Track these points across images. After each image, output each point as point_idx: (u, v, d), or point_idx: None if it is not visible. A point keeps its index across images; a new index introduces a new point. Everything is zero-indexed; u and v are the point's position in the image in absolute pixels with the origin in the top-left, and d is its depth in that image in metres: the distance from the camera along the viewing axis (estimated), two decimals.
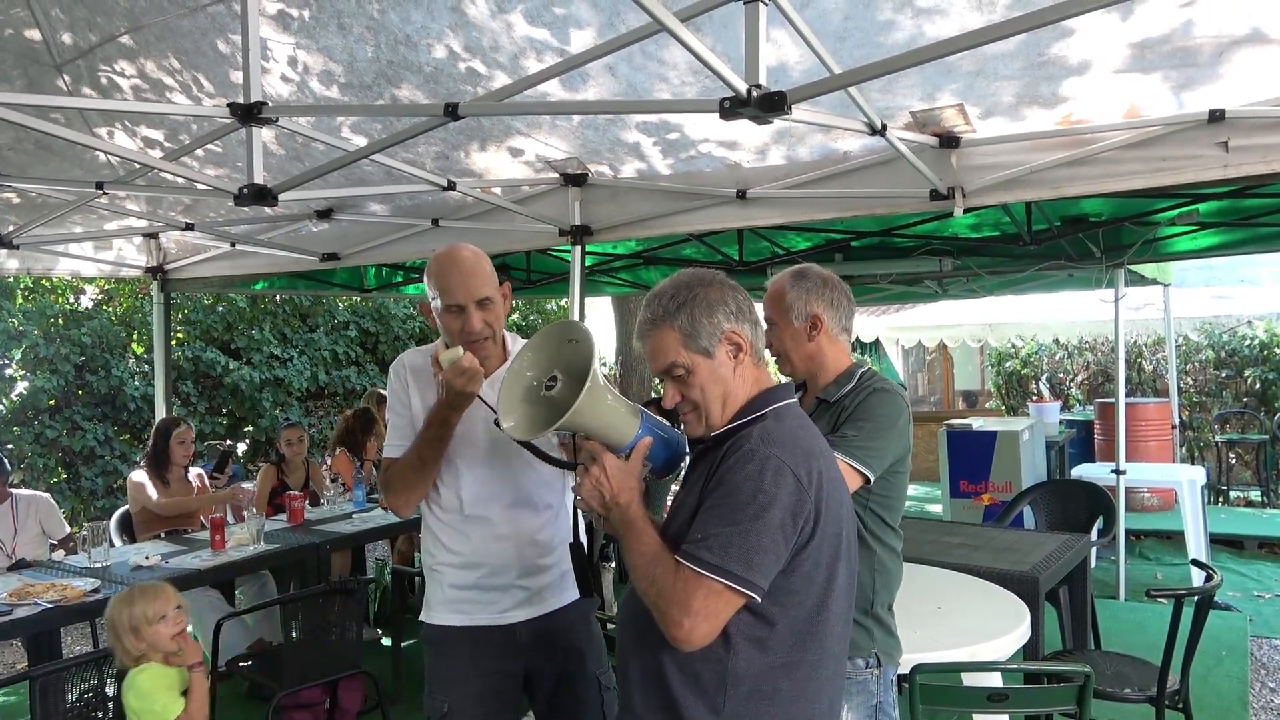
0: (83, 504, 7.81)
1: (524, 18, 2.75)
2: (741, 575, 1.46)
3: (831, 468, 1.61)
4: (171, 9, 3.01)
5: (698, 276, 1.66)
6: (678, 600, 1.47)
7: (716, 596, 1.46)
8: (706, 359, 1.62)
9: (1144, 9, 2.35)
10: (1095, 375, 11.37)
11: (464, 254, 2.20)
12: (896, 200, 3.45)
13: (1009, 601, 3.10)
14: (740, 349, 1.63)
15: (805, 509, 1.51)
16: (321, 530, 4.73)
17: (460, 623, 2.27)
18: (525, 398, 1.79)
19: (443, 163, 3.82)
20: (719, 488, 1.52)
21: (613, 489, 1.61)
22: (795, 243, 6.25)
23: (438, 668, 2.29)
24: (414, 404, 2.27)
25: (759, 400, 1.64)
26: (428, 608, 2.32)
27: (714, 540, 1.47)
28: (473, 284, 2.16)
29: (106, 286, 8.72)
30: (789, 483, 1.49)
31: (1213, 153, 2.81)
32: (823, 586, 1.56)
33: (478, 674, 2.26)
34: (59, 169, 4.09)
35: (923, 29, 2.52)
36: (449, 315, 2.17)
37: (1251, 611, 5.66)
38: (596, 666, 2.36)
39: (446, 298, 2.15)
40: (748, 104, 1.81)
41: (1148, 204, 4.89)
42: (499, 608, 2.26)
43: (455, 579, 2.27)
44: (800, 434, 1.60)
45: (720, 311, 1.62)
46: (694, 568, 1.47)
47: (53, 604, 3.44)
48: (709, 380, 1.62)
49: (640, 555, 1.56)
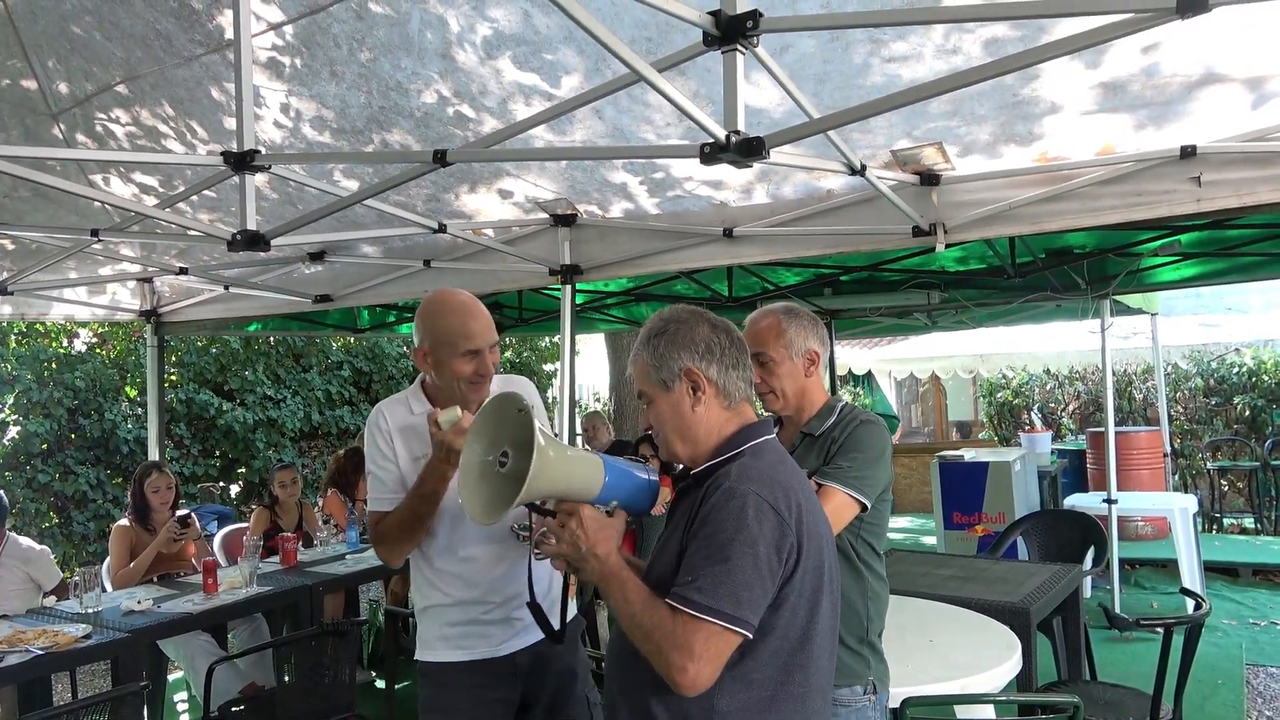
0: (74, 549, 7.76)
1: (512, 63, 2.82)
2: (733, 614, 1.47)
3: (810, 501, 1.63)
4: (167, 59, 3.08)
5: (679, 313, 1.72)
6: (680, 645, 1.47)
7: (718, 638, 1.48)
8: (665, 392, 1.67)
9: (1110, 55, 2.43)
10: (1086, 404, 11.42)
11: (474, 300, 2.26)
12: (880, 237, 3.51)
13: (1001, 633, 3.11)
14: (698, 388, 1.66)
15: (788, 542, 1.53)
16: (315, 572, 4.72)
17: (460, 658, 2.28)
18: (483, 478, 1.77)
19: (433, 205, 3.88)
20: (702, 528, 1.54)
21: (589, 541, 1.62)
22: (785, 278, 6.31)
23: (435, 701, 2.31)
24: (401, 458, 2.29)
25: (737, 437, 1.67)
26: (424, 645, 2.33)
27: (703, 581, 1.49)
28: (488, 329, 2.24)
29: (100, 330, 8.73)
30: (770, 518, 1.52)
31: (1185, 187, 2.88)
32: (806, 619, 1.57)
33: (476, 704, 2.28)
34: (54, 216, 4.14)
35: (899, 73, 2.59)
36: (463, 359, 2.20)
37: (1247, 639, 5.66)
38: (585, 685, 2.40)
39: (467, 343, 2.19)
40: (727, 149, 1.86)
41: (1130, 236, 4.97)
42: (496, 640, 2.29)
43: (452, 617, 2.29)
44: (778, 469, 1.62)
45: (686, 349, 1.66)
46: (689, 611, 1.48)
47: (44, 650, 3.42)
48: (666, 413, 1.68)
49: (630, 604, 1.56)
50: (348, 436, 9.71)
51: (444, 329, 2.21)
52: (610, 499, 1.71)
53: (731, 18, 1.78)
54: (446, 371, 2.22)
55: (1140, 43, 2.37)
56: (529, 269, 4.19)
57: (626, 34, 2.50)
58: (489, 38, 2.72)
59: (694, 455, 1.69)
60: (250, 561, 4.46)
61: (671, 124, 3.00)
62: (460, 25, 2.69)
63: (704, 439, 1.67)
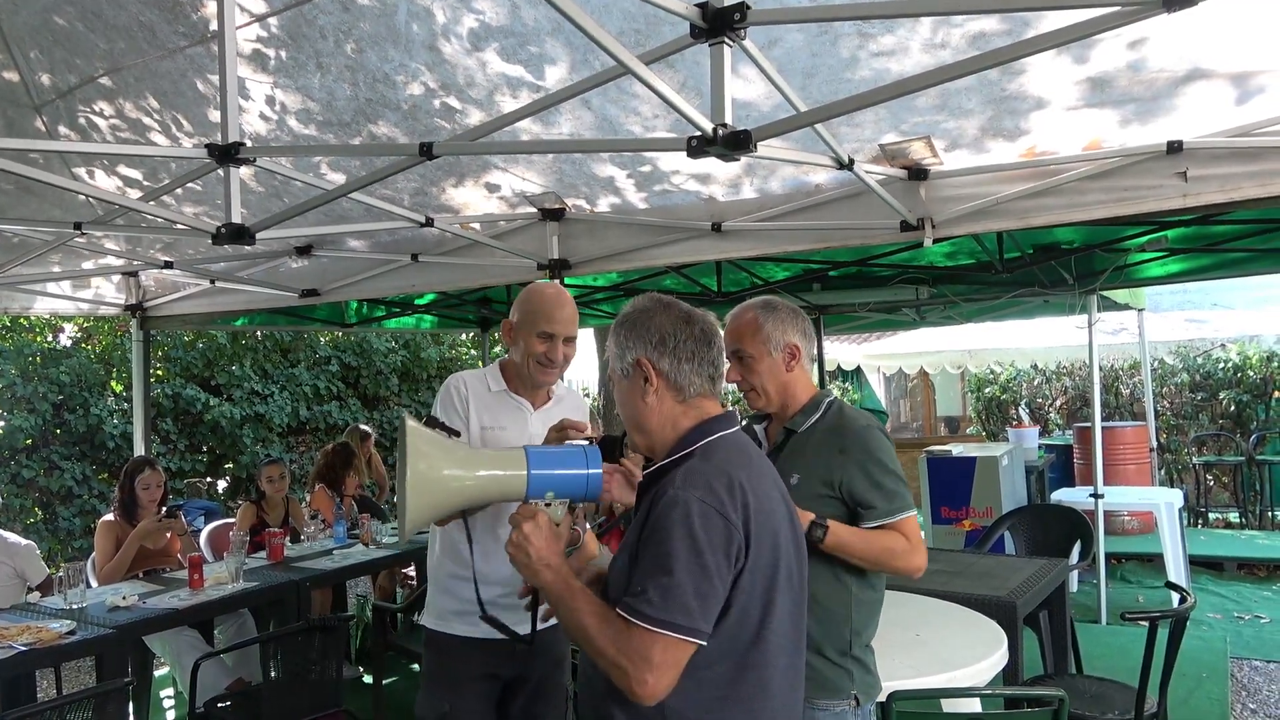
0: (59, 544, 7.71)
1: (498, 55, 2.80)
2: (686, 625, 1.45)
3: (764, 500, 1.57)
4: (150, 51, 3.05)
5: (643, 301, 1.70)
6: (639, 657, 1.46)
7: (675, 648, 1.46)
8: (622, 379, 1.69)
9: (1096, 50, 2.43)
10: (1073, 400, 11.48)
11: (567, 295, 2.49)
12: (868, 232, 3.51)
13: (987, 627, 3.12)
14: (647, 380, 1.64)
15: (735, 544, 1.50)
16: (302, 567, 4.69)
17: (463, 633, 2.38)
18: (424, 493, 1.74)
19: (420, 198, 3.86)
20: (651, 536, 1.51)
21: (537, 549, 1.59)
22: (774, 273, 6.31)
23: (441, 671, 2.40)
24: (471, 421, 2.43)
25: (690, 435, 1.63)
26: (435, 614, 2.42)
27: (653, 593, 1.46)
28: (570, 321, 2.45)
29: (85, 324, 8.67)
30: (716, 522, 1.49)
31: (1172, 182, 2.89)
32: (759, 618, 1.54)
33: (477, 680, 2.42)
34: (37, 209, 4.10)
35: (888, 67, 2.59)
36: (538, 339, 2.40)
37: (1231, 633, 5.70)
38: (566, 675, 2.51)
39: (546, 324, 2.41)
40: (714, 142, 1.85)
41: (1117, 231, 4.99)
42: (510, 621, 2.31)
43: (472, 594, 2.31)
44: (728, 468, 1.56)
45: (640, 340, 1.65)
46: (641, 624, 1.46)
47: (27, 646, 3.40)
48: (623, 402, 1.70)
49: (586, 616, 1.53)
50: (335, 432, 9.66)
51: (532, 308, 2.42)
52: (543, 491, 1.68)
53: (719, 10, 1.77)
54: (521, 346, 2.42)
55: (1127, 38, 2.38)
56: (517, 263, 4.17)
57: (615, 26, 2.49)
58: (475, 29, 2.70)
59: (651, 446, 1.68)
60: (237, 557, 4.44)
61: (659, 116, 2.99)
62: (446, 17, 2.68)
63: (657, 431, 1.66)
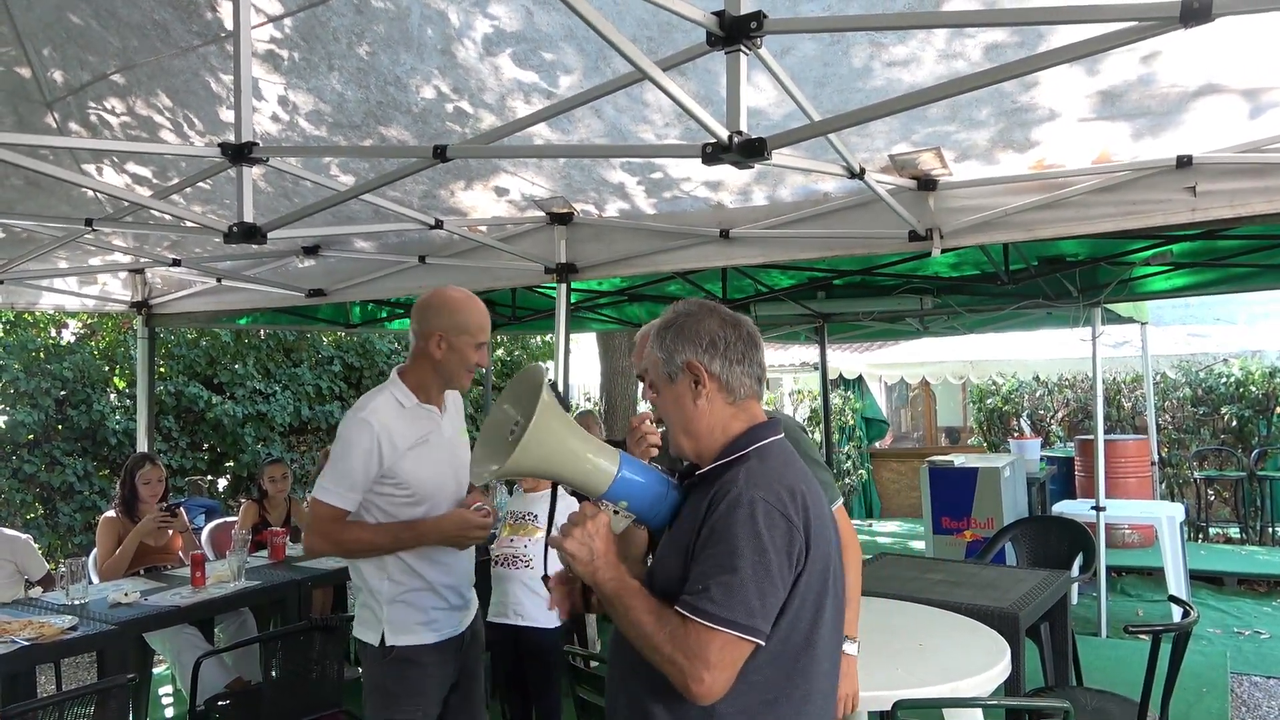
0: (60, 540, 7.71)
1: (512, 60, 2.81)
2: (746, 623, 1.46)
3: (819, 504, 1.61)
4: (164, 49, 3.06)
5: (690, 305, 1.72)
6: (697, 655, 1.46)
7: (733, 647, 1.47)
8: (669, 384, 1.68)
9: (1108, 63, 2.44)
10: (1075, 412, 11.47)
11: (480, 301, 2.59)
12: (876, 241, 3.52)
13: (990, 638, 3.11)
14: (699, 382, 1.65)
15: (797, 546, 1.52)
16: (303, 567, 4.69)
17: (432, 639, 2.52)
18: (493, 443, 1.75)
19: (429, 200, 3.87)
20: (712, 535, 1.52)
21: (600, 549, 1.59)
22: (778, 280, 6.32)
23: (407, 683, 2.49)
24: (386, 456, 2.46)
25: (744, 438, 1.65)
26: (400, 631, 2.50)
27: (715, 590, 1.47)
28: (489, 328, 2.58)
29: (89, 321, 8.68)
30: (780, 524, 1.51)
31: (1181, 197, 2.89)
32: (810, 620, 1.56)
33: (441, 682, 2.55)
34: (46, 204, 4.11)
35: (900, 77, 2.60)
36: (476, 350, 2.52)
37: (1232, 648, 5.69)
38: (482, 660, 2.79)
39: (482, 335, 2.53)
40: (729, 149, 1.86)
41: (1123, 244, 4.99)
42: (458, 620, 2.60)
43: (427, 601, 2.53)
44: (785, 471, 1.60)
45: (691, 342, 1.66)
46: (702, 621, 1.47)
47: (29, 642, 3.40)
48: (670, 406, 1.69)
49: (642, 613, 1.53)
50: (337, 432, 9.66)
51: (464, 320, 2.51)
52: (621, 497, 1.66)
53: (736, 18, 1.78)
54: (457, 357, 2.50)
55: (1139, 52, 2.38)
56: (524, 267, 4.18)
57: (628, 32, 2.50)
58: (489, 34, 2.71)
59: (699, 451, 1.67)
60: (238, 556, 4.44)
61: (671, 124, 3.00)
62: (460, 21, 2.69)
63: (706, 434, 1.66)
